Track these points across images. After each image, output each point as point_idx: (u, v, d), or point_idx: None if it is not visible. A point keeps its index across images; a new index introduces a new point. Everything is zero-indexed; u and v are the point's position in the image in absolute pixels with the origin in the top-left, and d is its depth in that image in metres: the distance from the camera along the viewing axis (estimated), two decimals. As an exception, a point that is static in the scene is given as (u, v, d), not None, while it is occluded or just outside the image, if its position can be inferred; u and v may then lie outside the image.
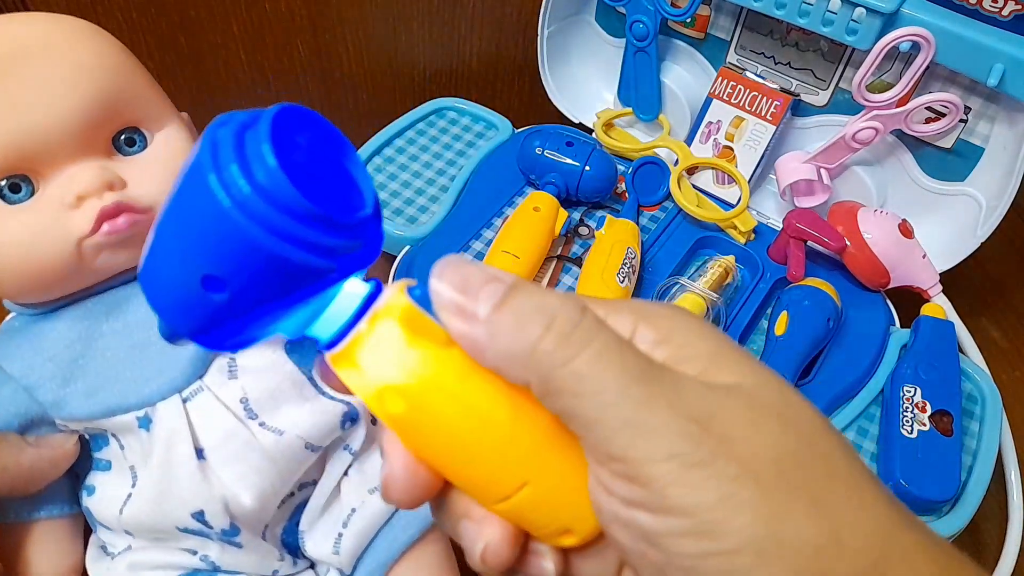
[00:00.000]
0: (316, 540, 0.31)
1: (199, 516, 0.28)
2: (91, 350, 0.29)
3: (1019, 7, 0.43)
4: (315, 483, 0.32)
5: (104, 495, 0.30)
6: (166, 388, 0.29)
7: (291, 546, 0.32)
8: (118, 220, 0.27)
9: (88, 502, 0.30)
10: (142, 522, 0.29)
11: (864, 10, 0.45)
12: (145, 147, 0.30)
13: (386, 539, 0.31)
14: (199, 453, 0.28)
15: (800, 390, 0.46)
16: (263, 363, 0.31)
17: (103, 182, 0.27)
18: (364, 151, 0.60)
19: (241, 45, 0.65)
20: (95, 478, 0.30)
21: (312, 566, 0.33)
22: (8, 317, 0.31)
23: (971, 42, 0.44)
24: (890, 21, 0.45)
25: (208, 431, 0.29)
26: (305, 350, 0.32)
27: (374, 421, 0.34)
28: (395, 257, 0.55)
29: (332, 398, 0.32)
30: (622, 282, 0.47)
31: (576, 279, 0.52)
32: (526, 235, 0.50)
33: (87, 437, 0.30)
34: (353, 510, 0.31)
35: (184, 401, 0.29)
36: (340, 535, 0.31)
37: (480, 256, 0.53)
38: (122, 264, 0.30)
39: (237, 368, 0.30)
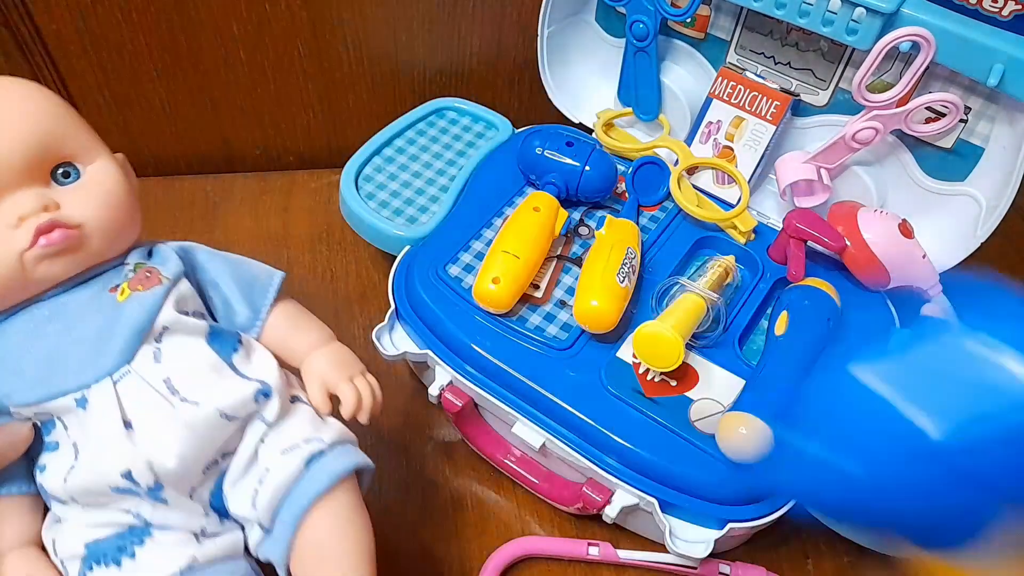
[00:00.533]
0: (237, 498, 0.35)
1: (128, 475, 0.33)
2: (36, 347, 0.34)
3: (1019, 7, 0.43)
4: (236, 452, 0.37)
5: (53, 471, 0.34)
6: (99, 373, 0.34)
7: (219, 509, 0.36)
8: (53, 234, 0.33)
9: (41, 479, 0.34)
10: (83, 486, 0.33)
11: (864, 10, 0.45)
12: (79, 178, 0.36)
13: (297, 492, 0.35)
14: (127, 424, 0.33)
15: (800, 390, 0.46)
16: (186, 351, 0.36)
17: (40, 205, 0.33)
18: (364, 151, 0.60)
19: (241, 45, 0.65)
20: (46, 458, 0.35)
21: (242, 529, 0.37)
22: None
23: (971, 42, 0.44)
24: (890, 21, 0.45)
25: (134, 406, 0.34)
26: (224, 341, 0.37)
27: (292, 400, 0.39)
28: (395, 257, 0.55)
29: (246, 378, 0.36)
30: (622, 282, 0.47)
31: (576, 279, 0.52)
32: (526, 235, 0.50)
33: (39, 424, 0.35)
34: (267, 469, 0.35)
35: (115, 383, 0.34)
36: (256, 491, 0.35)
37: (480, 256, 0.53)
38: (60, 274, 0.35)
39: (162, 355, 0.35)
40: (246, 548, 0.37)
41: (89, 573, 0.33)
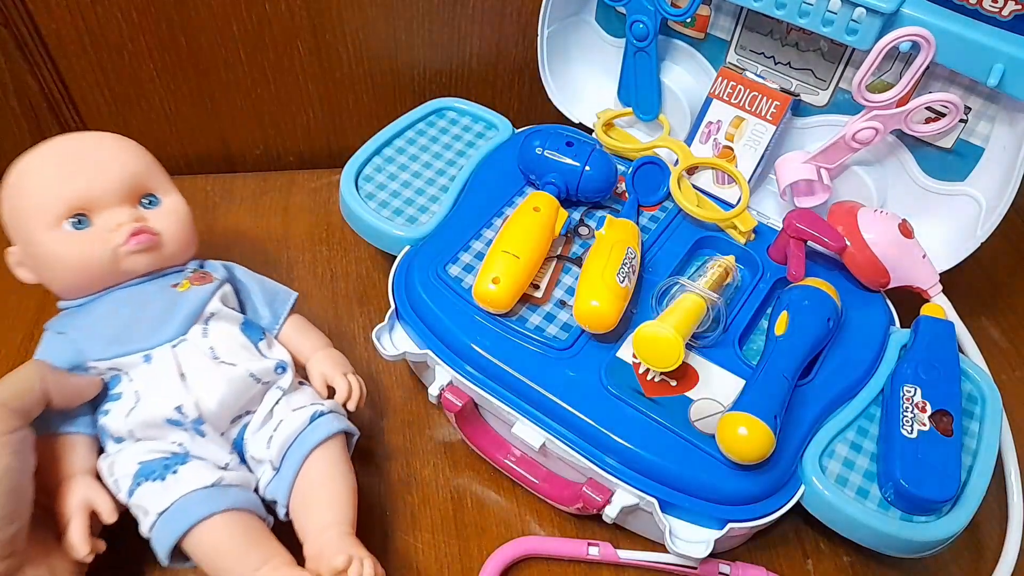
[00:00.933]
0: (255, 443, 0.46)
1: (179, 409, 0.43)
2: (113, 320, 0.46)
3: (1019, 7, 0.43)
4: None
5: (115, 413, 0.44)
6: (162, 340, 0.45)
7: (240, 453, 0.46)
8: (141, 236, 0.46)
9: (103, 421, 0.44)
10: (143, 420, 0.43)
11: (864, 10, 0.45)
12: (159, 205, 0.49)
13: (302, 438, 0.45)
14: (182, 375, 0.44)
15: (800, 390, 0.47)
16: (225, 332, 0.47)
17: (132, 216, 0.47)
18: (364, 151, 0.60)
19: (241, 45, 0.65)
20: (109, 406, 0.44)
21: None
22: (64, 310, 0.48)
23: (971, 42, 0.44)
24: (890, 21, 0.46)
25: (188, 363, 0.45)
26: (253, 330, 0.48)
27: (300, 383, 0.49)
28: (395, 257, 0.55)
29: (266, 357, 0.47)
30: (622, 282, 0.47)
31: (576, 279, 0.52)
32: (526, 235, 0.50)
33: (106, 380, 0.45)
34: (281, 421, 0.46)
35: (173, 347, 0.45)
36: (271, 437, 0.45)
37: (480, 256, 0.53)
38: (140, 268, 0.47)
39: (208, 333, 0.46)
40: (256, 491, 0.45)
41: (138, 488, 0.42)
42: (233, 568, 0.40)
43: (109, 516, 0.42)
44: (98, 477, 0.44)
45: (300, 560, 0.42)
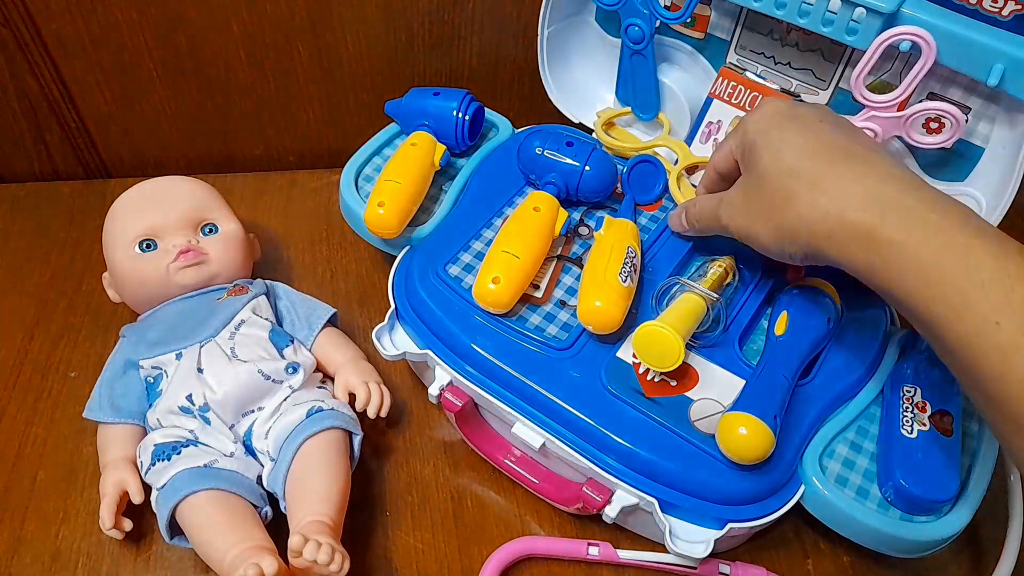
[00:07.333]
0: (258, 435, 0.49)
1: (189, 397, 0.48)
2: (162, 326, 0.53)
3: (1019, 7, 0.43)
4: None
5: (154, 405, 0.50)
6: (193, 341, 0.50)
7: (250, 449, 0.49)
8: (188, 253, 0.53)
9: (147, 413, 0.50)
10: (164, 407, 0.49)
11: (864, 10, 0.45)
12: (216, 232, 0.56)
13: (297, 432, 0.48)
14: (200, 369, 0.49)
15: (800, 390, 0.46)
16: (252, 337, 0.51)
17: (187, 241, 0.54)
18: (364, 151, 0.60)
19: (241, 45, 0.65)
20: (153, 399, 0.50)
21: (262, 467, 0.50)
22: (140, 317, 0.55)
23: (971, 42, 0.44)
24: (890, 21, 0.46)
25: (207, 360, 0.50)
26: (281, 337, 0.52)
27: (321, 386, 0.53)
28: (395, 257, 0.55)
29: (283, 358, 0.51)
30: (624, 281, 0.47)
31: (576, 279, 0.52)
32: (526, 235, 0.50)
33: (152, 378, 0.51)
34: (281, 414, 0.49)
35: (200, 346, 0.50)
36: (270, 428, 0.49)
37: (480, 256, 0.53)
38: (190, 281, 0.54)
39: (236, 336, 0.51)
40: (260, 483, 0.48)
41: (152, 467, 0.47)
42: (212, 543, 0.44)
43: (136, 496, 0.47)
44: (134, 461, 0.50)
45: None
